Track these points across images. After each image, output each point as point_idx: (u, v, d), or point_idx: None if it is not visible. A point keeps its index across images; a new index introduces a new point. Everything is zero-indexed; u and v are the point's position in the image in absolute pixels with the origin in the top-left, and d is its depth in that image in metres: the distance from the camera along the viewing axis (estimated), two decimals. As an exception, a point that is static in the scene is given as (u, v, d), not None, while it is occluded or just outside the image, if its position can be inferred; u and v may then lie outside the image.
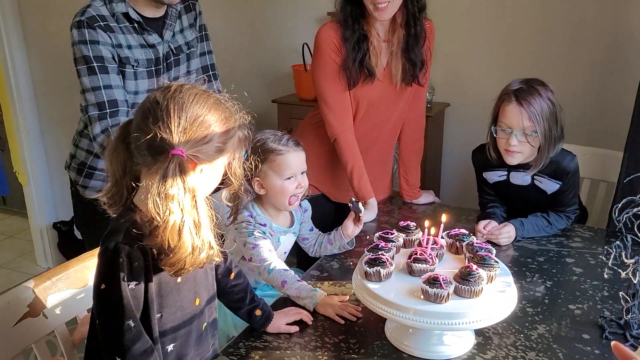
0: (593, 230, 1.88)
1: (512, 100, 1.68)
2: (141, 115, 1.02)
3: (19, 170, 3.31)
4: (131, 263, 1.01)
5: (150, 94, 1.05)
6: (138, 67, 1.73)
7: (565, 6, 2.80)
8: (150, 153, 1.00)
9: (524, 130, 1.67)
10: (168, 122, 0.99)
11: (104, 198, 1.10)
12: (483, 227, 1.77)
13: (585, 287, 1.52)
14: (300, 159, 1.59)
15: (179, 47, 1.86)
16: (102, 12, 1.67)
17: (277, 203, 1.61)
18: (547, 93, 1.68)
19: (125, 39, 1.70)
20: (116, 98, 1.67)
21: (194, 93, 1.03)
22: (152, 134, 0.98)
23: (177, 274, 1.03)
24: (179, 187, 0.97)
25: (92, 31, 1.64)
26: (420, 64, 1.89)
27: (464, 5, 3.03)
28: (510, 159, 1.73)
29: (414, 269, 1.27)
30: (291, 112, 3.00)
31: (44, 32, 3.15)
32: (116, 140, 1.09)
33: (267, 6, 3.54)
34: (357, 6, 1.78)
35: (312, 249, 1.77)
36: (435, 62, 3.03)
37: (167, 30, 1.79)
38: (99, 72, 1.65)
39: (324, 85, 1.87)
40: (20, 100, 3.13)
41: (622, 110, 2.23)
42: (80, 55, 1.66)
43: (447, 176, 3.31)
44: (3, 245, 3.73)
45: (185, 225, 0.97)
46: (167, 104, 1.00)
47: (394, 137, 2.07)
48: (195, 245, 0.99)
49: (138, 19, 1.71)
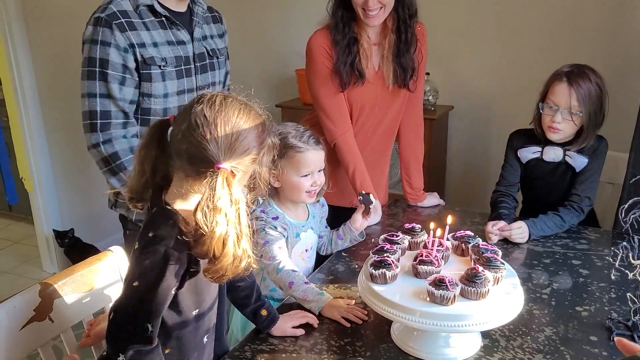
0: (599, 232, 1.87)
1: (564, 80, 1.78)
2: (187, 125, 1.04)
3: (25, 177, 3.32)
4: (178, 269, 1.05)
5: (196, 105, 1.05)
6: (166, 67, 1.62)
7: (567, 8, 2.80)
8: (193, 162, 1.04)
9: (570, 109, 1.76)
10: (216, 137, 1.02)
11: (128, 193, 1.13)
12: (492, 227, 1.78)
13: (592, 289, 1.51)
14: (319, 157, 1.58)
15: (214, 51, 1.78)
16: (125, 7, 1.58)
17: (292, 197, 1.60)
18: (597, 79, 1.79)
19: (150, 35, 1.60)
20: (110, 109, 1.58)
21: (238, 108, 1.06)
22: (199, 146, 1.02)
23: (217, 280, 1.06)
24: (226, 200, 1.00)
25: (106, 30, 1.54)
26: (411, 71, 1.90)
27: (465, 9, 3.04)
28: (552, 135, 1.83)
29: (420, 271, 1.27)
30: (295, 116, 3.01)
31: (49, 37, 3.17)
32: (150, 138, 1.11)
33: (271, 12, 3.55)
34: (349, 10, 1.81)
35: (324, 247, 1.77)
36: (438, 65, 3.05)
37: (196, 27, 1.70)
38: (99, 78, 1.56)
39: (318, 90, 1.89)
40: (26, 106, 3.14)
41: (627, 112, 2.23)
42: (86, 55, 1.57)
43: (452, 178, 3.31)
44: (9, 251, 3.74)
45: (230, 237, 1.01)
46: (215, 119, 1.03)
47: (389, 139, 2.08)
48: (236, 255, 1.02)
49: (164, 13, 1.62)
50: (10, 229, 4.06)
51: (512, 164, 1.98)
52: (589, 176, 1.85)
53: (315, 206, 1.72)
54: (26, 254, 3.67)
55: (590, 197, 1.84)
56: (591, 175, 1.85)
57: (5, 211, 4.13)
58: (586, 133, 1.80)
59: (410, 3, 1.84)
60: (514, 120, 2.14)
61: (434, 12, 2.98)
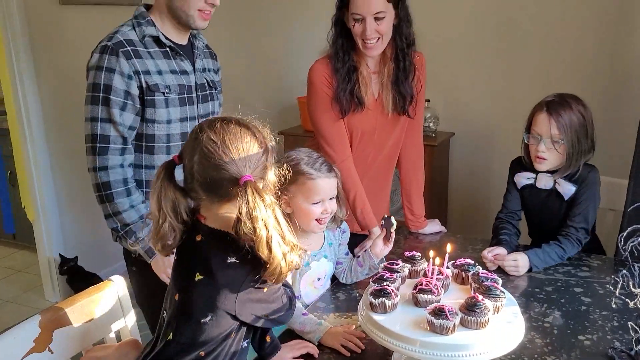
0: (601, 259, 1.87)
1: (544, 110, 1.81)
2: (200, 155, 1.09)
3: (28, 206, 3.34)
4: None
5: (200, 134, 1.10)
6: (170, 94, 1.66)
7: (566, 35, 2.84)
8: (219, 186, 1.09)
9: (551, 138, 1.78)
10: (231, 156, 1.07)
11: (157, 244, 1.15)
12: (487, 253, 1.78)
13: (594, 317, 1.50)
14: (330, 185, 1.57)
15: (213, 82, 1.83)
16: (131, 36, 1.63)
17: (302, 224, 1.58)
18: (579, 107, 1.81)
19: (154, 64, 1.65)
20: (109, 134, 1.60)
21: (238, 124, 1.12)
22: (219, 169, 1.07)
23: (276, 281, 1.10)
24: (261, 208, 1.04)
25: (112, 57, 1.58)
26: (410, 98, 1.93)
27: (465, 36, 3.08)
28: (539, 165, 1.86)
29: (420, 299, 1.27)
30: (297, 142, 3.03)
31: (55, 66, 3.22)
32: (162, 181, 1.13)
33: (273, 40, 3.61)
34: (348, 40, 1.85)
35: (343, 275, 1.73)
36: (439, 92, 3.08)
37: (197, 59, 1.76)
38: (101, 103, 1.59)
39: (319, 117, 1.91)
40: (31, 135, 3.18)
41: (627, 138, 2.24)
42: (91, 81, 1.61)
43: (454, 205, 3.31)
44: (11, 280, 3.74)
45: (274, 238, 1.05)
46: (224, 140, 1.08)
47: (389, 165, 2.09)
48: (284, 252, 1.07)
49: (169, 44, 1.67)
50: (14, 257, 4.06)
51: (512, 191, 1.99)
52: (583, 207, 1.84)
53: (334, 232, 1.71)
54: (29, 282, 3.66)
55: (586, 227, 1.84)
56: (585, 206, 1.84)
57: (9, 239, 4.15)
58: (569, 161, 1.81)
59: (408, 33, 1.88)
60: (515, 146, 2.15)
61: (435, 40, 3.03)
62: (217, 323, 1.11)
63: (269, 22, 3.58)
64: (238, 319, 1.12)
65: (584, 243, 1.85)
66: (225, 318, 1.12)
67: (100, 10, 3.37)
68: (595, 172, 1.87)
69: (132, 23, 1.67)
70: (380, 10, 1.77)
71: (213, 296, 1.10)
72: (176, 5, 1.63)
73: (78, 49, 3.23)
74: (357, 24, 1.80)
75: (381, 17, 1.77)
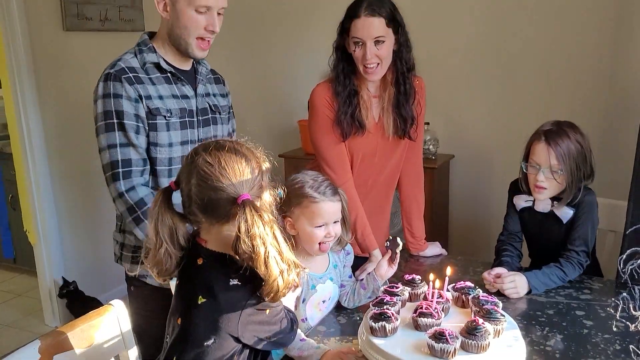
0: (602, 282, 1.86)
1: (542, 139, 1.80)
2: (197, 179, 1.11)
3: (29, 230, 3.34)
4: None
5: (195, 157, 1.12)
6: (171, 118, 1.68)
7: (565, 59, 2.87)
8: (217, 207, 1.10)
9: (550, 167, 1.78)
10: (228, 176, 1.09)
11: (155, 269, 1.16)
12: (487, 274, 1.77)
13: (596, 341, 1.49)
14: (334, 208, 1.57)
15: (217, 107, 1.83)
16: (132, 63, 1.67)
17: (306, 247, 1.59)
18: (576, 135, 1.80)
19: (155, 89, 1.67)
20: (131, 158, 1.63)
21: (232, 147, 1.14)
22: (217, 190, 1.09)
23: (273, 299, 1.10)
24: (259, 225, 1.06)
25: (117, 84, 1.61)
26: (411, 120, 1.95)
27: (465, 59, 3.11)
28: (538, 195, 1.85)
29: (420, 323, 1.26)
30: (298, 165, 3.04)
31: (58, 92, 3.25)
32: (160, 207, 1.15)
33: (274, 64, 3.65)
34: (349, 64, 1.88)
35: (346, 298, 1.71)
36: (439, 115, 3.11)
37: (199, 84, 1.78)
38: (117, 128, 1.61)
39: (320, 140, 1.93)
40: (33, 159, 3.19)
41: (626, 159, 2.24)
42: (101, 110, 1.63)
43: (455, 227, 3.31)
44: (11, 304, 3.72)
45: (271, 255, 1.06)
46: (220, 161, 1.10)
47: (390, 188, 2.10)
48: (282, 270, 1.07)
49: (170, 69, 1.70)
50: (14, 281, 4.05)
51: (511, 213, 1.99)
52: (582, 230, 1.84)
53: (339, 254, 1.71)
54: (29, 306, 3.65)
55: (586, 250, 1.83)
56: (584, 229, 1.83)
57: (9, 263, 4.14)
58: (569, 190, 1.81)
59: (408, 58, 1.91)
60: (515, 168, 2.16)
61: (435, 64, 3.06)
62: (220, 346, 1.12)
63: (270, 46, 3.63)
64: (240, 341, 1.13)
65: (585, 266, 1.84)
66: (228, 340, 1.12)
67: (104, 36, 3.42)
68: (591, 194, 1.87)
69: (135, 50, 1.71)
70: (380, 35, 1.80)
71: (216, 319, 1.10)
72: (176, 34, 1.67)
73: (81, 75, 3.28)
74: (358, 49, 1.83)
75: (381, 41, 1.80)
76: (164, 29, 1.70)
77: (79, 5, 3.27)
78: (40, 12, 3.13)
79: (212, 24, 1.65)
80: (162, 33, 1.71)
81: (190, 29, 1.64)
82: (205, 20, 1.64)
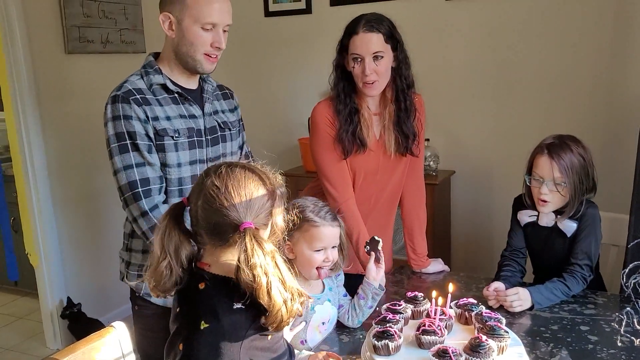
0: (606, 296, 1.84)
1: (545, 153, 1.82)
2: (204, 200, 1.10)
3: (31, 252, 3.34)
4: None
5: (205, 179, 1.12)
6: (179, 138, 1.68)
7: (564, 74, 2.89)
8: (220, 232, 1.10)
9: (554, 180, 1.79)
10: (232, 201, 1.08)
11: (152, 283, 1.15)
12: (486, 289, 1.77)
13: (602, 356, 1.47)
14: (333, 233, 1.58)
15: (225, 123, 1.83)
16: (139, 85, 1.67)
17: (303, 272, 1.59)
18: (579, 149, 1.83)
19: (163, 110, 1.67)
20: (148, 176, 1.62)
21: (244, 170, 1.13)
22: (220, 214, 1.08)
23: (277, 329, 1.09)
24: (259, 255, 1.05)
25: (125, 105, 1.61)
26: (413, 137, 1.97)
27: (464, 75, 3.13)
28: (542, 208, 1.86)
29: (423, 341, 1.26)
30: (298, 184, 3.04)
31: (61, 115, 3.27)
32: (168, 222, 1.15)
33: (275, 82, 3.68)
34: (349, 83, 1.91)
35: (348, 316, 1.69)
36: (439, 131, 3.11)
37: (206, 103, 1.78)
38: (131, 149, 1.61)
39: (322, 158, 1.94)
40: (35, 181, 3.20)
41: (627, 173, 2.25)
42: (112, 132, 1.62)
43: (457, 243, 3.30)
44: (13, 327, 3.70)
45: (273, 285, 1.04)
46: (227, 186, 1.10)
47: (392, 204, 2.10)
48: (285, 299, 1.06)
49: (176, 90, 1.70)
50: (16, 304, 4.03)
51: (516, 228, 1.99)
52: (585, 243, 1.84)
53: (330, 275, 1.69)
54: (30, 329, 3.63)
55: (590, 264, 1.83)
56: (587, 243, 1.84)
57: (11, 286, 4.13)
58: (572, 203, 1.82)
59: (407, 75, 1.93)
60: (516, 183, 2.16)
61: (434, 79, 3.08)
62: None
63: (270, 64, 3.66)
64: None
65: (589, 280, 1.83)
66: None
67: (105, 58, 3.45)
68: (594, 207, 1.87)
69: (141, 72, 1.71)
70: (378, 50, 1.82)
71: (218, 344, 1.09)
72: (183, 51, 1.67)
73: (83, 97, 3.31)
74: (357, 65, 1.84)
75: (380, 56, 1.82)
76: (169, 48, 1.71)
77: (80, 29, 3.31)
78: (42, 35, 3.16)
79: (218, 40, 1.66)
80: (167, 52, 1.72)
81: (197, 45, 1.65)
82: (211, 37, 1.66)
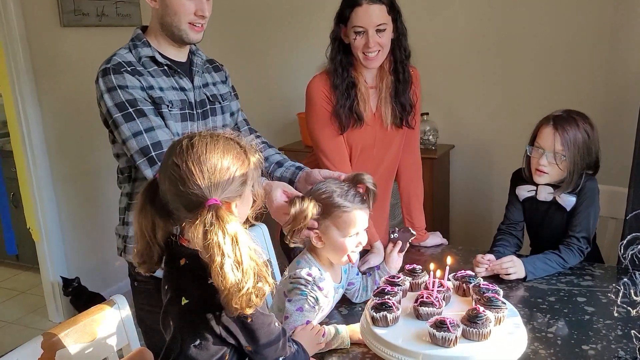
0: (603, 268, 1.86)
1: (550, 124, 1.82)
2: (168, 182, 1.07)
3: (32, 227, 3.35)
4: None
5: (167, 158, 1.09)
6: (172, 109, 1.66)
7: (565, 49, 2.86)
8: (189, 210, 1.05)
9: (554, 152, 1.79)
10: (193, 179, 1.04)
11: (137, 259, 1.14)
12: (481, 257, 1.78)
13: (598, 327, 1.49)
14: (365, 216, 1.47)
15: (215, 96, 1.81)
16: (128, 58, 1.64)
17: (333, 258, 1.50)
18: (585, 125, 1.81)
19: (155, 81, 1.65)
20: (160, 139, 1.59)
21: (205, 143, 1.07)
22: (185, 194, 1.04)
23: (230, 312, 1.03)
24: (218, 235, 1.00)
25: (119, 76, 1.58)
26: (409, 108, 1.96)
27: (464, 49, 3.10)
28: (538, 178, 1.86)
29: (421, 312, 1.27)
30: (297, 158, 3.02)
31: (57, 88, 3.25)
32: (142, 201, 1.12)
33: (272, 58, 3.64)
34: (347, 56, 1.88)
35: (357, 294, 1.66)
36: (438, 105, 3.10)
37: (196, 76, 1.76)
38: (136, 116, 1.58)
39: (318, 133, 1.93)
40: (34, 157, 3.20)
41: (626, 146, 2.24)
42: (111, 104, 1.58)
43: (455, 217, 3.31)
44: (15, 302, 3.74)
45: (226, 264, 0.99)
46: (186, 163, 1.05)
47: (388, 179, 2.11)
48: (238, 281, 1.00)
49: (166, 62, 1.68)
50: (17, 278, 4.07)
51: (513, 202, 1.99)
52: (583, 216, 1.84)
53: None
54: (32, 303, 3.67)
55: (587, 236, 1.84)
56: (585, 215, 1.84)
57: (12, 261, 4.16)
58: (569, 178, 1.82)
59: (406, 46, 1.92)
60: (515, 158, 2.16)
61: (433, 52, 3.05)
62: (206, 346, 1.09)
63: (267, 38, 3.62)
64: (226, 341, 1.10)
65: (585, 253, 1.84)
66: (214, 340, 1.09)
67: (101, 31, 3.42)
68: (593, 181, 1.87)
69: (129, 45, 1.69)
70: (382, 22, 1.80)
71: (198, 319, 1.08)
72: (168, 22, 1.65)
73: (79, 70, 3.28)
74: (359, 37, 1.82)
75: (382, 29, 1.81)
76: (155, 20, 1.69)
77: (75, 2, 3.27)
78: (37, 8, 3.12)
79: (201, 8, 1.64)
80: (153, 25, 1.70)
81: (181, 15, 1.63)
82: (194, 6, 1.63)
